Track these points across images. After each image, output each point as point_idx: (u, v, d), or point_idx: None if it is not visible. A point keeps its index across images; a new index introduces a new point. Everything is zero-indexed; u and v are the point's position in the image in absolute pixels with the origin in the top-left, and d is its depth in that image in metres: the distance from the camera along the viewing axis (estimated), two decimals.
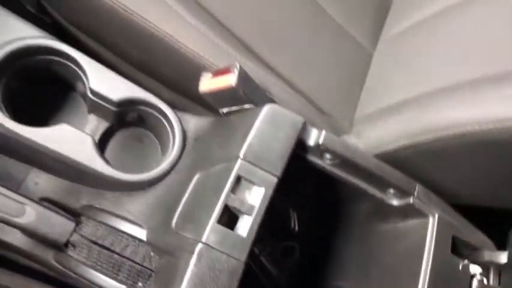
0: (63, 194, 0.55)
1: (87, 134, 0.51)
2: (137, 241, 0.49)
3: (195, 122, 0.57)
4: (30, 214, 0.49)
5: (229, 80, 0.45)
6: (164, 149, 0.58)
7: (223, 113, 0.52)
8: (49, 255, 0.52)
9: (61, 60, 0.53)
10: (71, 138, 0.49)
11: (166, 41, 0.51)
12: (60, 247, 0.51)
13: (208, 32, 0.52)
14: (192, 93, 0.54)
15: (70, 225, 0.50)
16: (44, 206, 0.50)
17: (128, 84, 0.53)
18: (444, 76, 0.60)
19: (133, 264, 0.48)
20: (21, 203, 0.49)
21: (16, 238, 0.54)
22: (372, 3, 0.80)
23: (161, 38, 0.51)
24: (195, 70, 0.51)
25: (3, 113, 0.48)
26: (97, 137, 0.54)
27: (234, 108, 0.50)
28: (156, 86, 0.61)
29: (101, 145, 0.54)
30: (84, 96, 0.55)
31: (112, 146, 0.58)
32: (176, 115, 0.54)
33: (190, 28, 0.52)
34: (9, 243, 0.54)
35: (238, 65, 0.45)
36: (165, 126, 0.56)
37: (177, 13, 0.52)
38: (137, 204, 0.51)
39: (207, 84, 0.49)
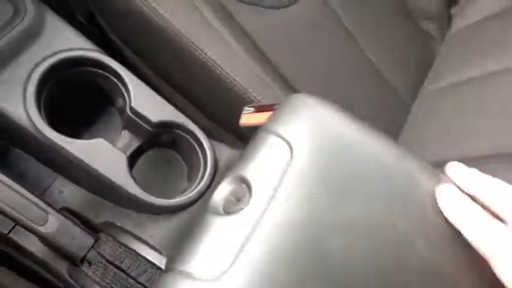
0: (86, 206, 0.55)
1: (121, 151, 0.50)
2: (155, 268, 0.48)
3: (228, 153, 0.56)
4: (53, 224, 0.49)
5: None
6: (192, 175, 0.57)
7: None
8: (63, 267, 0.51)
9: (106, 74, 0.54)
10: (105, 154, 0.49)
11: (215, 70, 0.51)
12: (75, 261, 0.50)
13: (257, 67, 0.53)
14: (230, 123, 0.54)
15: (89, 240, 0.50)
16: (67, 217, 0.50)
17: (168, 107, 0.53)
18: (481, 143, 0.59)
19: None
20: (45, 211, 0.49)
21: (33, 244, 0.53)
22: (416, 55, 0.80)
23: (210, 66, 0.51)
24: (238, 102, 0.51)
25: (43, 119, 0.48)
26: (127, 154, 0.54)
27: None
28: (194, 111, 0.61)
29: (130, 162, 0.54)
30: (122, 112, 0.55)
31: (139, 163, 0.58)
32: (211, 144, 0.54)
33: (239, 61, 0.52)
34: (26, 249, 0.53)
35: None
36: (198, 153, 0.55)
37: (227, 43, 0.52)
38: (160, 229, 0.51)
39: (249, 118, 0.48)
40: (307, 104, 0.33)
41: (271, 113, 0.47)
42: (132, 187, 0.49)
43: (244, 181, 0.31)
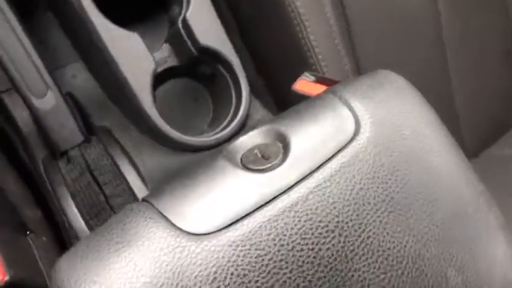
0: (92, 102, 0.49)
1: (153, 60, 0.44)
2: (132, 197, 0.41)
3: (261, 114, 0.49)
4: (49, 101, 0.43)
5: None
6: (215, 121, 0.50)
7: None
8: (41, 153, 0.46)
9: None
10: (134, 53, 0.42)
11: (293, 20, 0.43)
12: (55, 153, 0.44)
13: (337, 36, 0.45)
14: (279, 83, 0.46)
15: (78, 137, 0.43)
16: (67, 103, 0.44)
17: (222, 36, 0.46)
18: None
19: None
20: (47, 85, 0.43)
21: (22, 116, 0.47)
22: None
23: (289, 13, 0.43)
24: (300, 64, 0.44)
25: None
26: (159, 69, 0.47)
27: None
28: (246, 56, 0.54)
29: (156, 79, 0.47)
30: (173, 22, 0.49)
31: (163, 88, 0.51)
32: (249, 97, 0.47)
33: (324, 23, 0.44)
34: (12, 116, 0.48)
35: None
36: (231, 99, 0.48)
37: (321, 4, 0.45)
38: (156, 160, 0.44)
39: (305, 85, 0.41)
40: (397, 85, 0.25)
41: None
42: (146, 101, 0.42)
43: (281, 139, 0.24)
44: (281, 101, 0.50)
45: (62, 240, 0.43)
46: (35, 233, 0.43)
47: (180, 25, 0.45)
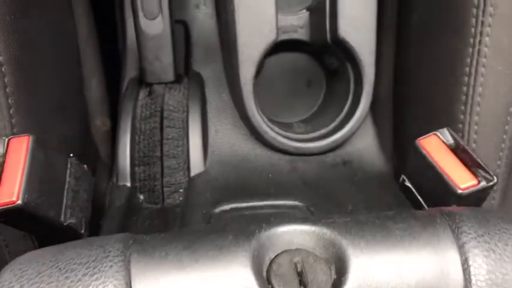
0: (200, 40, 0.44)
1: (275, 30, 0.37)
2: (184, 165, 0.37)
3: (370, 140, 0.41)
4: (155, 26, 0.39)
5: None
6: (319, 118, 0.43)
7: None
8: (131, 71, 0.43)
9: None
10: (258, 16, 0.35)
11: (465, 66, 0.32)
12: (142, 78, 0.41)
13: None
14: (404, 123, 0.37)
15: (169, 76, 0.40)
16: (173, 34, 0.39)
17: (369, 37, 0.37)
18: None
19: None
20: (161, 9, 0.39)
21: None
22: None
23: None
24: (441, 115, 0.34)
25: None
26: (283, 37, 0.41)
27: None
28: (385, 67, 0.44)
29: (275, 45, 0.40)
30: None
31: (282, 56, 0.44)
32: (367, 111, 0.39)
33: None
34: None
35: None
36: (345, 104, 0.41)
37: None
38: (229, 140, 0.39)
39: (433, 144, 0.32)
40: None
41: (465, 172, 0.30)
42: (247, 85, 0.36)
43: (338, 261, 0.17)
44: (398, 133, 0.40)
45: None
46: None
47: (327, 2, 0.37)
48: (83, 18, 0.41)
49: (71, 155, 0.30)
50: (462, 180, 0.27)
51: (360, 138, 0.40)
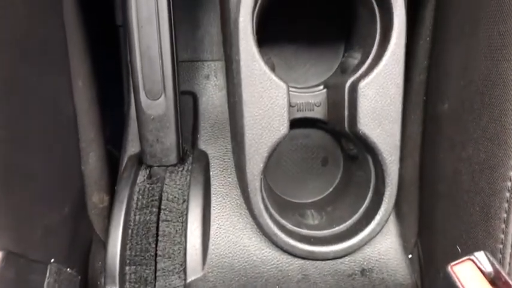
0: (208, 114, 0.41)
1: (287, 125, 0.33)
2: (180, 269, 0.33)
3: (393, 243, 0.36)
4: (158, 106, 0.36)
5: None
6: (334, 207, 0.39)
7: None
8: (131, 148, 0.40)
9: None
10: (269, 111, 0.32)
11: None
12: (141, 159, 0.38)
13: None
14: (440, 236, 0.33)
15: (171, 159, 0.37)
16: (176, 110, 0.36)
17: (393, 129, 0.33)
18: None
19: None
20: (164, 87, 0.36)
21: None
22: None
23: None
24: (479, 232, 0.29)
25: None
26: (297, 116, 0.37)
27: None
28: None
29: (293, 120, 0.36)
30: (343, 68, 0.38)
31: (300, 131, 0.40)
32: (390, 210, 0.34)
33: None
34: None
35: None
36: (366, 198, 0.36)
37: None
38: (232, 240, 0.35)
39: (467, 272, 0.27)
40: None
41: None
42: (254, 189, 0.32)
43: None
44: (424, 229, 0.36)
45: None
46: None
47: (346, 89, 0.33)
48: (83, 88, 0.39)
49: (52, 260, 0.27)
50: None
51: (381, 239, 0.35)
